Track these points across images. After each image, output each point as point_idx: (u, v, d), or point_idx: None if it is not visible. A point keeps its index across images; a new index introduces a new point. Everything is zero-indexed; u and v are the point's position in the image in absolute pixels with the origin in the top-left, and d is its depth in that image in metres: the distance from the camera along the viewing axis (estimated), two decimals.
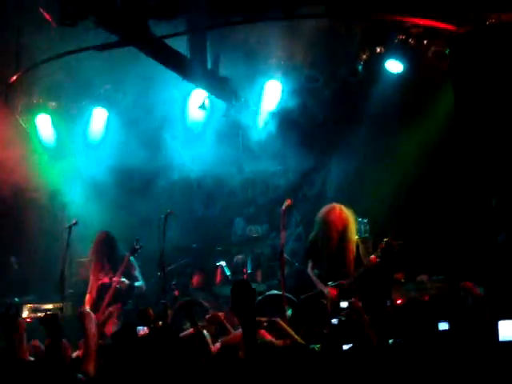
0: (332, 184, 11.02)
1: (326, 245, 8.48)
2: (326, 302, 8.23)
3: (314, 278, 8.55)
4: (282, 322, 6.16)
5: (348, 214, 8.51)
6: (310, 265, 8.67)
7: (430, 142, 9.74)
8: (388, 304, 8.29)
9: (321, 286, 8.42)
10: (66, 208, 10.95)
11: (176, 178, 11.19)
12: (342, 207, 8.54)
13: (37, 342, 7.00)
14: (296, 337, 5.95)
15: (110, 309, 8.38)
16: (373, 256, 8.22)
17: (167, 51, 8.82)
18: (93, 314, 7.77)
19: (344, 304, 7.26)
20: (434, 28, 8.86)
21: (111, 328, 8.51)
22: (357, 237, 8.61)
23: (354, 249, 8.46)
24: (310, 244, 8.82)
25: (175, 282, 10.37)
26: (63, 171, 11.21)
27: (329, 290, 8.28)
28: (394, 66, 9.57)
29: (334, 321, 7.55)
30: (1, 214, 10.32)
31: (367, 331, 5.97)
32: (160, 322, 7.04)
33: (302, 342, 5.82)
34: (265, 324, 6.15)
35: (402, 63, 9.54)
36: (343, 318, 7.74)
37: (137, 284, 9.30)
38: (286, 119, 10.56)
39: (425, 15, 8.71)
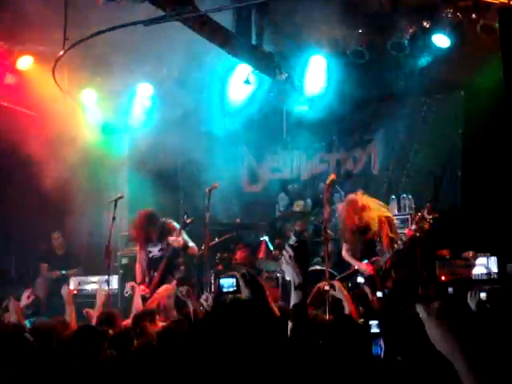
0: (377, 160, 10.94)
1: (350, 236, 8.56)
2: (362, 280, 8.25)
3: (349, 258, 8.57)
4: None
5: (366, 202, 8.43)
6: (344, 247, 8.69)
7: (477, 117, 9.61)
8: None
9: (357, 263, 8.44)
10: (113, 182, 11.04)
11: (221, 152, 11.20)
12: (358, 197, 8.46)
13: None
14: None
15: (168, 286, 8.39)
16: (407, 231, 8.15)
17: (212, 26, 8.80)
18: (138, 289, 7.98)
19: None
20: (482, 1, 8.68)
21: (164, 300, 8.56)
22: (384, 216, 8.48)
23: (383, 230, 8.36)
24: (341, 230, 8.86)
25: (219, 256, 10.49)
26: (109, 146, 11.32)
27: (365, 266, 8.27)
28: (441, 40, 9.42)
29: (379, 294, 7.58)
30: (49, 188, 10.43)
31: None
32: None
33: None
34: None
35: (450, 38, 9.38)
36: (386, 291, 7.81)
37: (190, 244, 9.29)
38: (330, 94, 10.47)
39: None
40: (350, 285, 8.13)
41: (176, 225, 9.31)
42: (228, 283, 5.10)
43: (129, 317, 7.13)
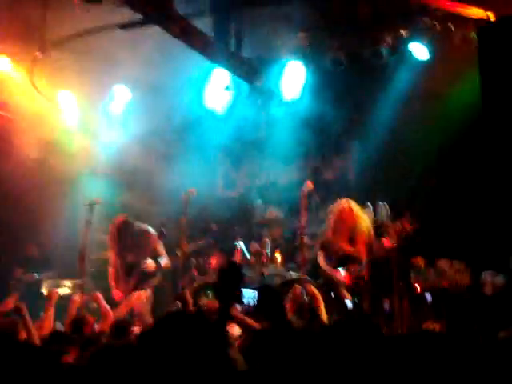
0: (353, 168, 10.99)
1: (336, 241, 8.39)
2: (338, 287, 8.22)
3: (325, 266, 8.45)
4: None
5: (357, 210, 8.42)
6: (321, 254, 8.56)
7: (454, 126, 9.69)
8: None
9: (333, 272, 8.36)
10: (89, 186, 10.95)
11: (198, 158, 11.17)
12: (352, 203, 8.43)
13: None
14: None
15: (140, 293, 8.39)
16: (385, 240, 8.16)
17: (191, 31, 8.80)
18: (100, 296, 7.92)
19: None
20: (459, 11, 8.76)
21: (139, 306, 8.56)
22: (367, 226, 8.50)
23: (366, 238, 8.37)
24: (322, 236, 8.77)
25: (194, 262, 10.46)
26: (85, 150, 11.23)
27: (342, 275, 8.25)
28: (419, 49, 9.50)
29: (348, 303, 7.62)
30: (24, 190, 10.34)
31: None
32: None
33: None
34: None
35: (427, 47, 9.46)
36: (357, 301, 7.82)
37: (161, 262, 9.26)
38: (308, 102, 10.51)
39: None
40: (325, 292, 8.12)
41: (151, 230, 9.27)
42: (249, 295, 5.17)
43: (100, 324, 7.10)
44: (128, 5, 8.07)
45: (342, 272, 8.25)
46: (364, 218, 8.39)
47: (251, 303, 8.78)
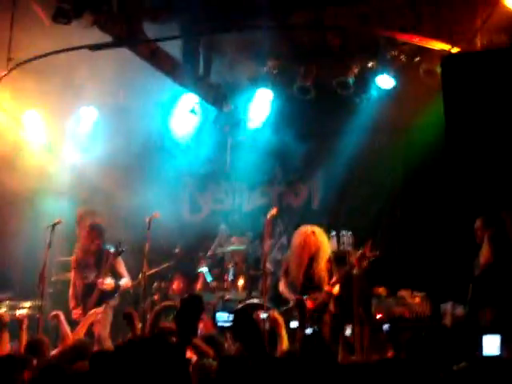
0: (317, 195, 11.05)
1: (298, 268, 8.36)
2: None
3: (287, 293, 8.41)
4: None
5: (320, 237, 8.43)
6: (283, 281, 8.55)
7: (418, 158, 9.82)
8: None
9: (295, 298, 8.28)
10: (50, 207, 10.83)
11: (163, 181, 11.13)
12: (315, 230, 8.44)
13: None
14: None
15: (97, 310, 8.34)
16: (334, 280, 8.13)
17: (160, 54, 8.83)
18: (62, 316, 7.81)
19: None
20: (426, 46, 8.91)
21: (100, 327, 8.48)
22: (329, 253, 8.51)
23: (326, 267, 8.37)
24: (285, 263, 8.77)
25: (156, 285, 10.39)
26: (49, 170, 11.12)
27: (304, 302, 8.20)
28: (385, 81, 9.64)
29: (308, 331, 7.61)
30: None
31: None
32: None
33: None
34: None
35: (393, 78, 9.61)
36: (316, 329, 7.81)
37: (122, 282, 9.20)
38: (275, 128, 10.59)
39: (417, 33, 8.76)
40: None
41: (111, 249, 9.22)
42: (223, 318, 5.18)
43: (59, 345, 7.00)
44: (97, 26, 8.05)
45: (304, 298, 8.22)
46: (326, 245, 8.40)
47: (225, 325, 8.76)
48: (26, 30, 8.64)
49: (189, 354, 5.42)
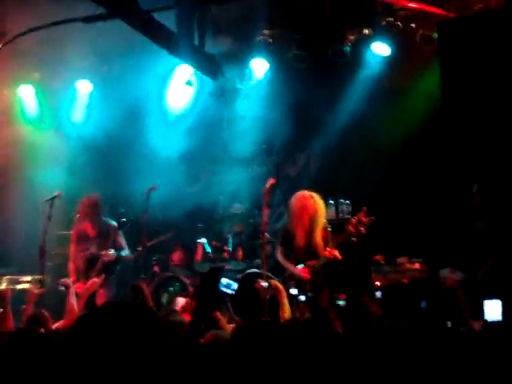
0: (315, 164, 11.05)
1: (299, 230, 8.30)
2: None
3: (284, 262, 8.35)
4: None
5: (318, 201, 8.40)
6: (279, 249, 8.47)
7: (415, 124, 9.80)
8: None
9: (292, 267, 8.24)
10: (49, 180, 10.83)
11: (161, 154, 11.12)
12: (313, 194, 8.40)
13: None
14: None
15: (96, 279, 8.36)
16: (329, 250, 8.09)
17: (154, 25, 8.76)
18: (73, 287, 7.83)
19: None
20: (422, 11, 8.87)
21: (102, 298, 8.56)
22: (324, 221, 8.48)
23: (322, 233, 8.34)
24: (282, 231, 8.73)
25: (155, 257, 10.43)
26: (46, 143, 11.12)
27: (300, 270, 8.18)
28: (381, 48, 9.60)
29: (302, 298, 7.64)
30: None
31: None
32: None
33: None
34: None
35: (389, 46, 9.57)
36: (310, 295, 7.84)
37: (123, 253, 9.23)
38: (271, 98, 10.56)
39: None
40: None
41: (112, 222, 9.26)
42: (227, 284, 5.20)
43: (62, 318, 7.03)
44: None
45: (300, 268, 8.19)
46: (323, 211, 8.37)
47: (227, 291, 8.81)
48: (19, 4, 8.59)
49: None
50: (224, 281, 8.92)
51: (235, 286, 8.71)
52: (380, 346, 4.17)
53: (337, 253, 7.92)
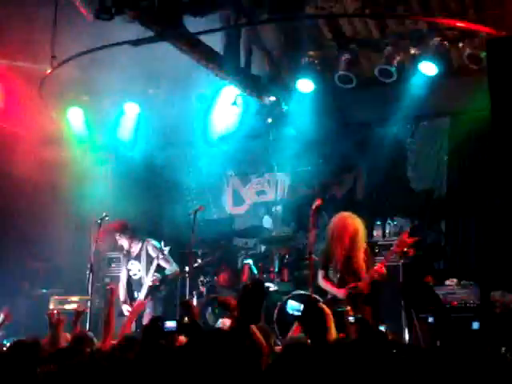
0: (361, 185, 10.98)
1: (336, 254, 8.21)
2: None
3: (325, 285, 8.13)
4: None
5: (357, 224, 8.28)
6: (321, 273, 8.24)
7: (463, 145, 9.70)
8: None
9: (334, 289, 8.02)
10: (96, 202, 10.96)
11: (204, 175, 11.18)
12: (352, 215, 8.28)
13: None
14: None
15: (143, 300, 8.43)
16: (378, 265, 7.92)
17: (201, 47, 8.83)
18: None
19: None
20: (469, 31, 8.78)
21: (147, 320, 8.60)
22: (365, 243, 8.32)
23: (362, 255, 8.20)
24: (322, 254, 8.44)
25: (202, 278, 10.44)
26: (94, 165, 11.27)
27: (342, 292, 7.97)
28: (429, 68, 9.50)
29: (351, 319, 7.51)
30: (31, 207, 10.39)
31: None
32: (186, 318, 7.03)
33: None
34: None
35: (437, 66, 9.47)
36: (360, 316, 7.71)
37: (168, 272, 9.24)
38: (317, 119, 10.52)
39: (460, 17, 8.65)
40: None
41: (156, 244, 9.31)
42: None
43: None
44: (139, 21, 8.09)
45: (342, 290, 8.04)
46: (364, 231, 8.21)
47: (295, 314, 8.74)
48: (68, 28, 8.73)
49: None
50: (293, 304, 8.86)
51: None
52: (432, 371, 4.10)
53: (385, 270, 7.79)
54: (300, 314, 5.10)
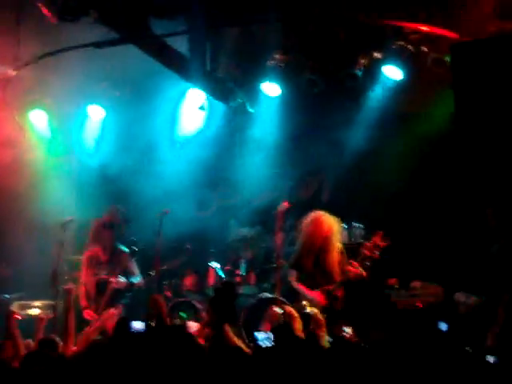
0: (327, 188, 11.01)
1: (310, 254, 8.22)
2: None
3: (298, 287, 8.20)
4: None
5: (332, 223, 8.28)
6: (292, 274, 8.30)
7: (427, 147, 9.78)
8: None
9: (307, 292, 8.08)
10: (60, 205, 10.83)
11: (172, 178, 11.10)
12: (326, 215, 8.30)
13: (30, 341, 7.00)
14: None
15: (112, 310, 8.34)
16: (353, 266, 7.96)
17: (167, 50, 8.82)
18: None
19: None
20: (433, 35, 8.86)
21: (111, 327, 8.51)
22: (340, 244, 8.35)
23: (337, 256, 8.22)
24: (294, 254, 8.51)
25: (167, 282, 10.38)
26: (58, 168, 11.13)
27: (315, 295, 8.01)
28: (393, 72, 9.57)
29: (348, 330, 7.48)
30: None
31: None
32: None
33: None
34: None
35: (401, 69, 9.55)
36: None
37: (134, 280, 9.21)
38: (283, 122, 10.54)
39: (424, 21, 8.73)
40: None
41: (124, 248, 9.25)
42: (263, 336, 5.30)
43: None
44: (104, 23, 8.04)
45: (316, 293, 8.04)
46: (338, 231, 8.23)
47: (268, 344, 8.67)
48: (32, 30, 8.65)
49: None
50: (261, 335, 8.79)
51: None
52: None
53: (362, 270, 7.82)
54: (270, 343, 5.16)
